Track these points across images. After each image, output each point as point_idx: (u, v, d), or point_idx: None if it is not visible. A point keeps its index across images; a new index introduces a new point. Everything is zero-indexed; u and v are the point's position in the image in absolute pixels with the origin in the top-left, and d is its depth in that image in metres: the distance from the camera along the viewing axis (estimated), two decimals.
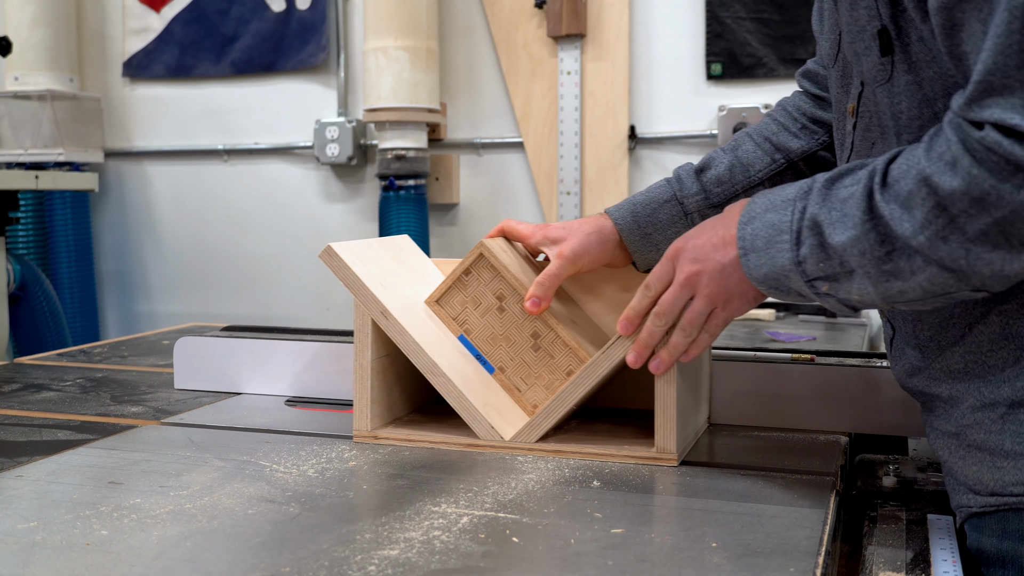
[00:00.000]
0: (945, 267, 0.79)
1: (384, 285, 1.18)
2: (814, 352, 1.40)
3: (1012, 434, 0.86)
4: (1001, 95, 0.73)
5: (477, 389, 1.16)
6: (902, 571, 0.89)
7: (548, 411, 1.12)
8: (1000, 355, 0.87)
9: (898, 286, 0.83)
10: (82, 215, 3.99)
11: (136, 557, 0.81)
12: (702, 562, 0.80)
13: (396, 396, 1.23)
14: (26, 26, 3.81)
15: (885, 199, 0.82)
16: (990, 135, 0.74)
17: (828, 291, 0.89)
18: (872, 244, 0.83)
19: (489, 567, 0.79)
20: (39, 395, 1.49)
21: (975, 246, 0.77)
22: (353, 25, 3.80)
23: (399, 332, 1.15)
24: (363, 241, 1.24)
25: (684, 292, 1.00)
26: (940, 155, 0.78)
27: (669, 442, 1.07)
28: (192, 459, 1.10)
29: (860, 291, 0.86)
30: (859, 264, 0.84)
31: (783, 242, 0.90)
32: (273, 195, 3.97)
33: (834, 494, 0.99)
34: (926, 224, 0.78)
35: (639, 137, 3.48)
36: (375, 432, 1.18)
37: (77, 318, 3.90)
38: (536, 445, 1.12)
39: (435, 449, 1.14)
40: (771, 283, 0.93)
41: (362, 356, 1.17)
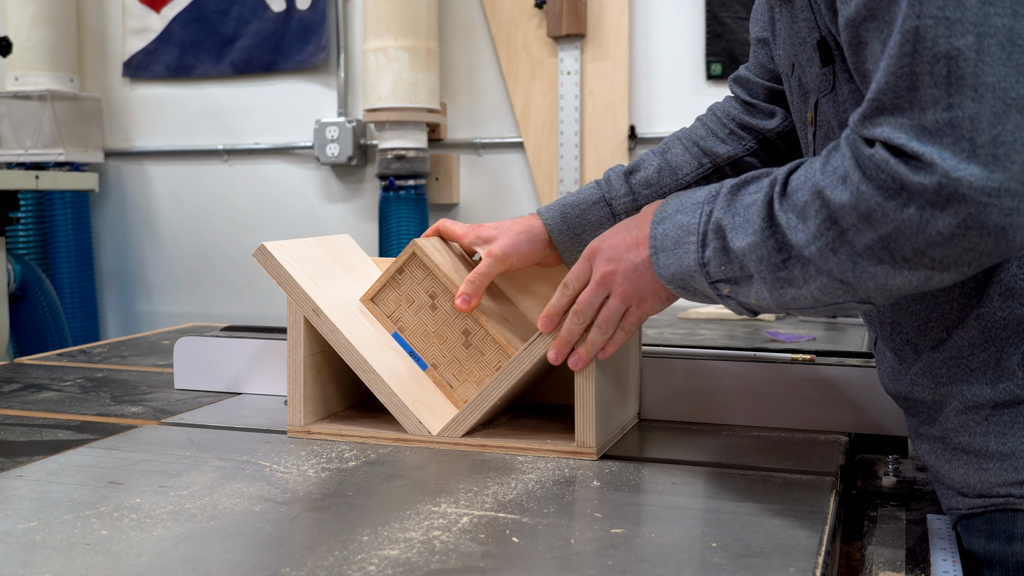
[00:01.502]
0: (834, 277, 0.82)
1: (318, 284, 1.21)
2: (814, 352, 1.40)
3: (996, 435, 0.87)
4: (891, 114, 0.75)
5: (408, 385, 1.18)
6: (902, 571, 0.89)
7: (473, 407, 1.15)
8: (981, 358, 0.87)
9: (791, 293, 0.86)
10: (82, 215, 3.99)
11: (136, 557, 0.81)
12: (702, 562, 0.80)
13: (331, 392, 1.26)
14: (26, 26, 3.81)
15: (783, 208, 0.84)
16: (879, 153, 0.76)
17: (729, 293, 0.92)
18: (770, 251, 0.85)
19: (489, 567, 0.79)
20: (39, 395, 1.49)
21: (861, 259, 0.79)
22: (353, 25, 3.80)
23: (330, 330, 1.17)
24: (299, 240, 1.26)
25: (600, 291, 1.03)
26: (834, 169, 0.80)
27: (589, 436, 1.10)
28: (192, 459, 1.10)
29: (757, 295, 0.89)
30: (757, 269, 0.87)
31: (690, 243, 0.93)
32: (273, 195, 3.97)
33: (834, 494, 0.99)
34: (818, 235, 0.81)
35: (639, 137, 3.48)
36: (308, 427, 1.20)
37: (77, 318, 3.90)
38: (462, 440, 1.15)
39: (434, 449, 1.14)
40: (678, 283, 0.96)
41: (295, 353, 1.19)
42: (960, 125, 0.72)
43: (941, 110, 0.73)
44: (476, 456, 1.11)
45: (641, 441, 1.21)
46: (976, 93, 0.72)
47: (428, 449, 1.14)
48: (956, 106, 0.72)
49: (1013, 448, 0.86)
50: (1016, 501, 0.86)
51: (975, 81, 0.72)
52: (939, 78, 0.73)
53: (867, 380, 1.23)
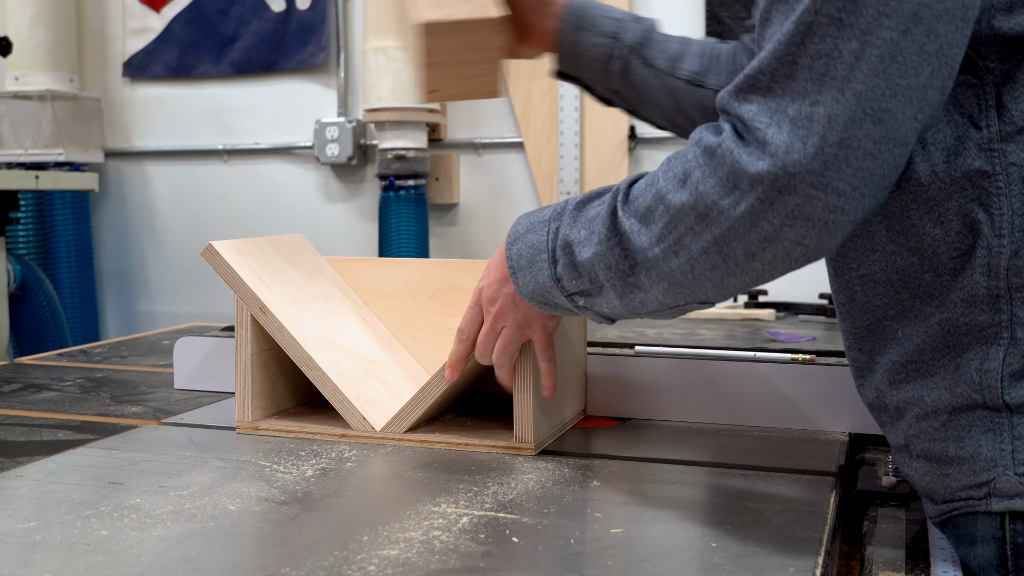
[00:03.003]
0: (675, 282, 0.86)
1: (265, 283, 1.23)
2: (814, 352, 1.40)
3: (954, 440, 0.87)
4: (763, 95, 0.79)
5: (353, 382, 1.21)
6: (902, 571, 0.89)
7: (415, 403, 1.17)
8: (940, 363, 0.87)
9: (639, 297, 0.90)
10: (82, 215, 3.99)
11: (136, 557, 0.81)
12: (702, 562, 0.80)
13: (281, 389, 1.28)
14: (26, 26, 3.81)
15: (626, 214, 0.88)
16: (726, 143, 0.80)
17: (584, 305, 0.96)
18: (617, 258, 0.89)
19: (489, 567, 0.79)
20: (39, 395, 1.49)
21: (698, 264, 0.83)
22: (353, 25, 3.80)
23: (276, 328, 1.19)
24: (250, 240, 1.28)
25: (493, 329, 1.08)
26: (675, 174, 0.85)
27: (527, 432, 1.12)
28: (192, 459, 1.10)
29: (608, 304, 0.93)
30: (606, 278, 0.90)
31: (542, 261, 0.96)
32: (273, 195, 3.97)
33: (834, 494, 0.99)
34: (661, 238, 0.85)
35: (639, 137, 3.48)
36: (256, 423, 1.22)
37: (77, 318, 3.89)
38: (405, 435, 1.17)
39: (434, 449, 1.14)
40: (539, 299, 0.99)
41: (243, 351, 1.21)
42: (818, 121, 0.76)
43: (808, 104, 0.76)
44: (476, 456, 1.11)
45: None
46: (841, 95, 0.76)
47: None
48: (820, 103, 0.76)
49: (971, 452, 0.86)
50: (975, 503, 0.86)
51: (844, 84, 0.76)
52: (815, 73, 0.76)
53: None
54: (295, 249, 1.36)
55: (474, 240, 3.74)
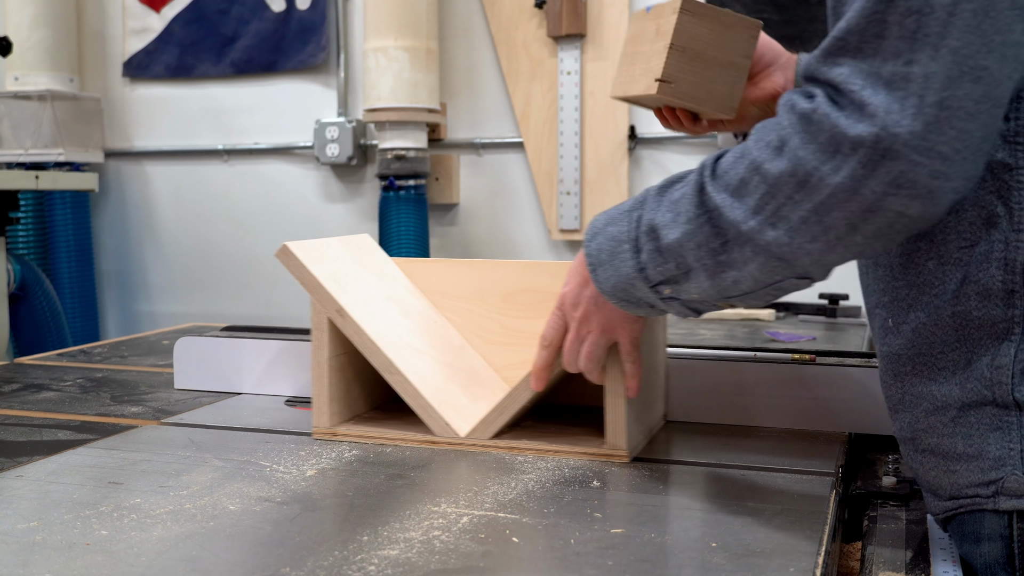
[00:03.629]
0: (772, 255, 0.83)
1: (341, 284, 1.20)
2: (814, 352, 1.40)
3: (963, 436, 0.86)
4: (853, 56, 0.76)
5: (434, 386, 1.17)
6: (902, 571, 0.89)
7: (501, 408, 1.14)
8: (951, 357, 0.87)
9: (732, 276, 0.87)
10: (82, 215, 3.99)
11: (136, 557, 0.81)
12: (702, 562, 0.80)
13: (356, 394, 1.25)
14: (26, 26, 3.81)
15: (716, 188, 0.85)
16: (821, 107, 0.77)
17: (671, 294, 0.93)
18: (707, 236, 0.86)
19: (489, 567, 0.79)
20: (39, 395, 1.49)
21: (797, 234, 0.81)
22: (353, 25, 3.80)
23: (355, 331, 1.17)
24: (322, 240, 1.26)
25: (578, 336, 1.05)
26: (768, 142, 0.81)
27: (619, 439, 1.09)
28: (192, 459, 1.10)
29: (698, 288, 0.90)
30: (696, 258, 0.88)
31: (624, 252, 0.93)
32: (273, 195, 3.96)
33: (834, 494, 0.99)
34: (757, 210, 0.82)
35: (639, 137, 3.48)
36: (334, 429, 1.19)
37: (77, 318, 3.89)
38: (491, 442, 1.14)
39: (435, 449, 1.14)
40: (620, 295, 0.97)
41: (319, 354, 1.19)
42: (914, 80, 0.73)
43: (901, 63, 0.74)
44: (475, 456, 1.11)
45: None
46: (936, 52, 0.73)
47: (430, 449, 1.14)
48: (915, 62, 0.73)
49: (979, 449, 0.85)
50: (982, 501, 0.86)
51: (938, 41, 0.73)
52: (907, 31, 0.74)
53: (867, 380, 1.23)
54: (363, 250, 1.32)
55: (474, 240, 3.73)
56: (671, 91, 1.09)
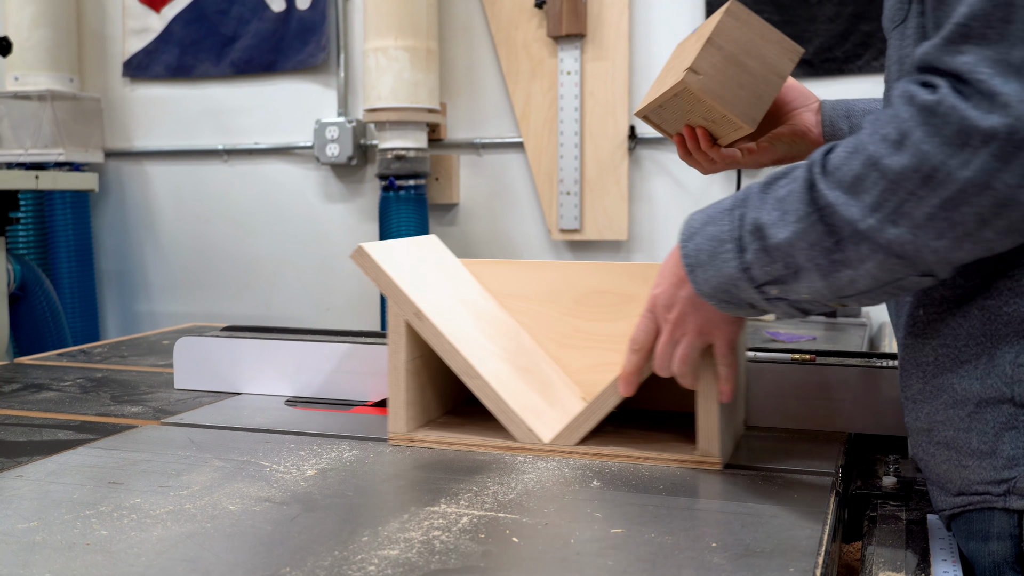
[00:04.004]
0: (893, 252, 0.79)
1: (417, 286, 1.17)
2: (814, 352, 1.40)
3: (978, 432, 0.86)
4: (978, 44, 0.72)
5: (514, 391, 1.14)
6: (902, 571, 0.89)
7: (587, 414, 1.11)
8: (974, 351, 0.86)
9: (848, 275, 0.83)
10: (82, 215, 3.99)
11: (136, 557, 0.81)
12: (702, 562, 0.80)
13: (430, 398, 1.22)
14: (26, 26, 3.81)
15: (829, 185, 0.81)
16: (946, 99, 0.73)
17: (778, 295, 0.89)
18: (820, 235, 0.82)
19: (489, 567, 0.79)
20: (39, 395, 1.49)
21: (921, 232, 0.77)
22: (353, 25, 3.80)
23: (434, 334, 1.14)
24: (394, 241, 1.23)
25: (672, 339, 1.01)
26: (885, 135, 0.77)
27: (712, 446, 1.06)
28: (192, 459, 1.10)
29: (810, 288, 0.86)
30: (807, 258, 0.84)
31: (727, 251, 0.90)
32: (273, 195, 3.97)
33: (834, 494, 0.99)
34: (876, 207, 0.78)
35: (639, 137, 3.48)
36: (411, 434, 1.17)
37: (77, 318, 3.89)
38: (576, 448, 1.11)
39: (435, 449, 1.14)
40: (721, 296, 0.93)
41: (396, 358, 1.16)
42: None
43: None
44: (476, 456, 1.11)
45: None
46: None
47: (430, 449, 1.14)
48: None
49: (993, 447, 0.85)
50: (993, 499, 0.85)
51: None
52: None
53: (867, 380, 1.23)
54: (433, 251, 1.30)
55: (474, 240, 3.73)
56: (699, 83, 1.06)
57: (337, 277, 3.87)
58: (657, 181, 3.50)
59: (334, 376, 1.42)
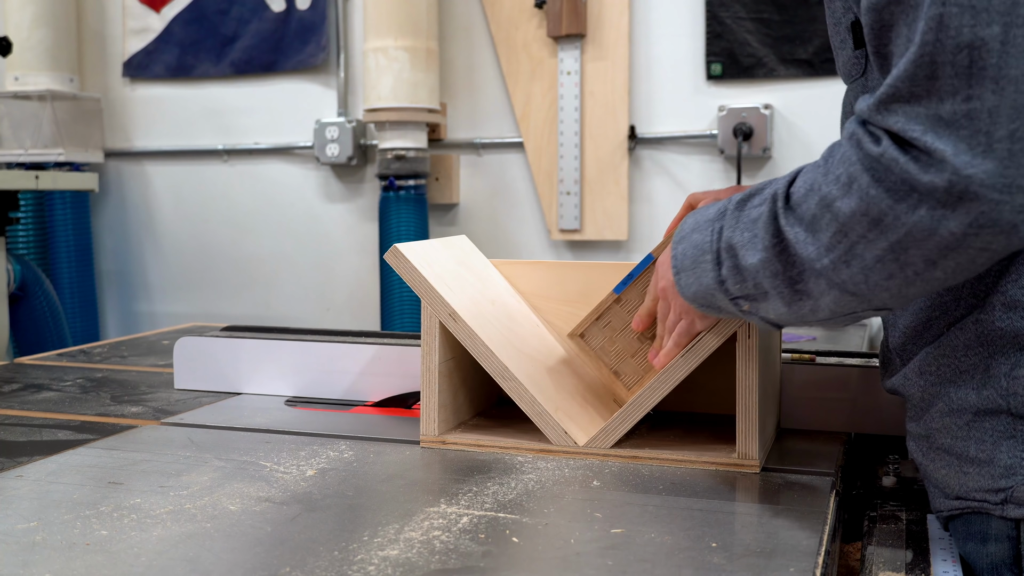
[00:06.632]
0: (847, 291, 0.81)
1: (450, 287, 1.17)
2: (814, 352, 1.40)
3: (976, 441, 0.87)
4: (908, 103, 0.73)
5: (548, 393, 1.14)
6: (902, 571, 0.89)
7: (623, 416, 1.10)
8: (971, 361, 0.87)
9: (808, 305, 0.85)
10: (82, 215, 3.99)
11: (136, 557, 0.81)
12: (702, 562, 0.80)
13: (461, 400, 1.22)
14: (26, 26, 3.81)
15: (789, 222, 0.83)
16: (888, 152, 0.74)
17: (749, 309, 0.92)
18: (783, 266, 0.84)
19: (489, 567, 0.79)
20: (39, 395, 1.49)
21: (872, 273, 0.78)
22: (353, 25, 3.80)
23: (468, 335, 1.13)
24: (426, 242, 1.23)
25: (664, 303, 1.06)
26: (838, 176, 0.78)
27: (751, 448, 1.06)
28: (192, 459, 1.10)
29: (775, 312, 0.89)
30: (772, 285, 0.86)
31: (706, 262, 0.93)
32: (273, 195, 3.96)
33: (834, 494, 0.99)
34: (830, 248, 0.80)
35: (639, 137, 3.48)
36: (443, 437, 1.16)
37: (77, 318, 3.89)
38: (611, 451, 1.10)
39: (435, 450, 1.14)
40: (701, 301, 0.96)
41: (429, 359, 1.15)
42: (978, 117, 0.70)
43: (960, 101, 0.70)
44: (475, 456, 1.11)
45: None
46: (997, 85, 0.70)
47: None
48: (975, 97, 0.70)
49: (991, 456, 0.86)
50: (990, 507, 0.86)
51: (997, 73, 0.70)
52: (960, 68, 0.70)
53: (867, 380, 1.23)
54: (464, 251, 1.30)
55: (474, 240, 3.70)
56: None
57: (337, 277, 3.87)
58: (657, 181, 3.50)
59: (334, 376, 1.42)
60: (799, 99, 3.29)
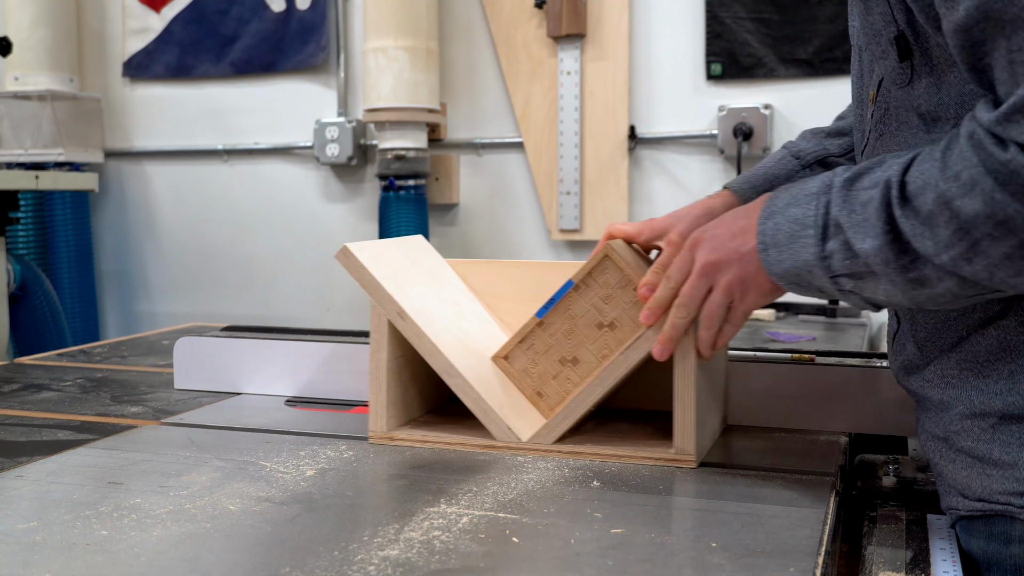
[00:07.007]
0: (967, 282, 0.80)
1: (400, 286, 1.18)
2: (814, 352, 1.40)
3: (1001, 444, 0.87)
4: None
5: (494, 390, 1.15)
6: (902, 571, 0.89)
7: (566, 412, 1.11)
8: (995, 367, 0.87)
9: (926, 293, 0.83)
10: (82, 215, 3.99)
11: (136, 557, 0.81)
12: (702, 562, 0.80)
13: (412, 397, 1.23)
14: (26, 26, 3.81)
15: (905, 215, 0.81)
16: (1017, 159, 0.73)
17: (852, 289, 0.88)
18: (896, 254, 0.82)
19: (489, 567, 0.79)
20: (39, 395, 1.49)
21: (999, 269, 0.77)
22: (353, 25, 3.80)
23: (416, 333, 1.14)
24: (379, 241, 1.23)
25: (702, 282, 0.98)
26: (957, 175, 0.77)
27: (688, 443, 1.07)
28: (192, 459, 1.10)
29: (887, 293, 0.86)
30: (884, 272, 0.84)
31: (807, 237, 0.88)
32: (273, 195, 3.97)
33: (834, 494, 0.99)
34: (950, 245, 0.78)
35: (639, 137, 3.48)
36: (391, 433, 1.17)
37: (77, 318, 3.89)
38: (554, 446, 1.11)
39: (435, 449, 1.14)
40: (792, 278, 0.91)
41: (378, 357, 1.16)
42: None
43: None
44: (476, 456, 1.11)
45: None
46: None
47: (430, 449, 1.14)
48: None
49: (1016, 459, 0.86)
50: (1016, 511, 0.87)
51: None
52: None
53: (867, 380, 1.23)
54: (419, 251, 1.31)
55: (474, 240, 3.73)
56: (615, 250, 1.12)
57: (337, 277, 3.87)
58: (657, 181, 3.50)
59: (334, 376, 1.42)
60: (799, 99, 3.29)
